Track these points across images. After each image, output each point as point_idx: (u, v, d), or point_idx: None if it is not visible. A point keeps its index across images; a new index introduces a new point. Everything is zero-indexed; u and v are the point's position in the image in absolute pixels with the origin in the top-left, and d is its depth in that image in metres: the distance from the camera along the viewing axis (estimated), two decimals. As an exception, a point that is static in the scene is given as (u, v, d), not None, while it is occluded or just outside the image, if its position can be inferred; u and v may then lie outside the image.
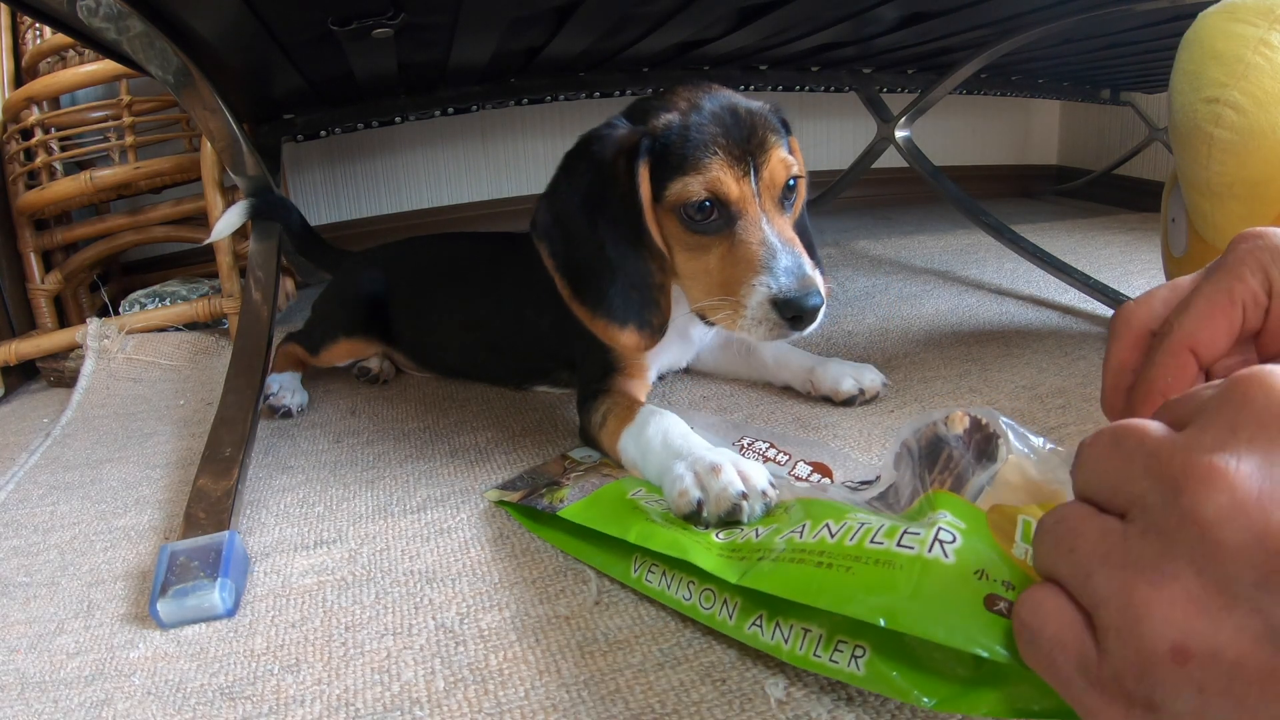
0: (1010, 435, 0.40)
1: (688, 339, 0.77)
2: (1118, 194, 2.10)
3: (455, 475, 0.70)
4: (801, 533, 0.41)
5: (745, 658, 0.43)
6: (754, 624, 0.40)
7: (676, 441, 0.55)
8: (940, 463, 0.42)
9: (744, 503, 0.47)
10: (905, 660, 0.35)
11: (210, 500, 0.60)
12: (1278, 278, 0.30)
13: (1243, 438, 0.23)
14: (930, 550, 0.34)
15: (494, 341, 0.88)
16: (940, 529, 0.35)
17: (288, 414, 0.88)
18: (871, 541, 0.37)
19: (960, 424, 0.44)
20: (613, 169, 0.61)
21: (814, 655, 0.37)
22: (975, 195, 1.40)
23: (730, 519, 0.47)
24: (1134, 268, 1.31)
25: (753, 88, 1.54)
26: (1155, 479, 0.24)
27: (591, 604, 0.49)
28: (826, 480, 0.56)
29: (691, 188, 0.58)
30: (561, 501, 0.55)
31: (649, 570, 0.48)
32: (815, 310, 0.56)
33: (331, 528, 0.62)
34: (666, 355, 0.75)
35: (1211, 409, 0.24)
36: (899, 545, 0.36)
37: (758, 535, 0.44)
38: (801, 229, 0.67)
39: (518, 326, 0.84)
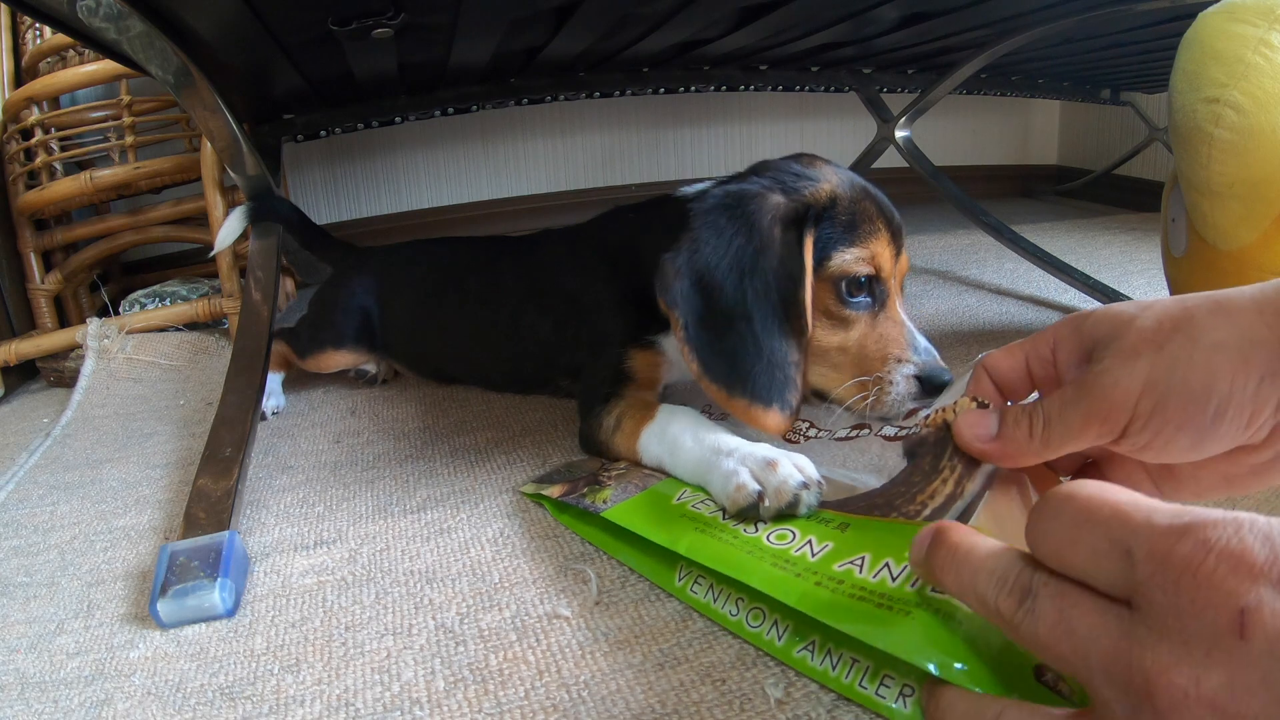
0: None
1: None
2: (1118, 194, 2.10)
3: (455, 475, 0.70)
4: (861, 567, 0.40)
5: (745, 658, 0.43)
6: (804, 648, 0.41)
7: (709, 436, 0.55)
8: (950, 450, 0.42)
9: (804, 493, 0.47)
10: None
11: (210, 500, 0.60)
12: (1062, 344, 0.37)
13: (1199, 652, 0.23)
14: None
15: (492, 350, 0.87)
16: None
17: (261, 417, 0.87)
18: (934, 589, 0.37)
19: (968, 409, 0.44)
20: (770, 236, 0.57)
21: (859, 686, 0.38)
22: (975, 195, 1.40)
23: (789, 511, 0.47)
24: (1134, 268, 1.31)
25: (753, 88, 1.54)
26: (1121, 690, 0.25)
27: (591, 604, 0.49)
28: (866, 430, 0.56)
29: (860, 262, 0.58)
30: (605, 502, 0.55)
31: (695, 581, 0.48)
32: (948, 384, 0.57)
33: (331, 528, 0.62)
34: (675, 372, 0.74)
35: (1160, 605, 0.24)
36: None
37: (813, 554, 0.43)
38: None
39: (517, 334, 0.82)
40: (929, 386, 0.57)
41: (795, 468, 0.49)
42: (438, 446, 0.77)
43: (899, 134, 1.43)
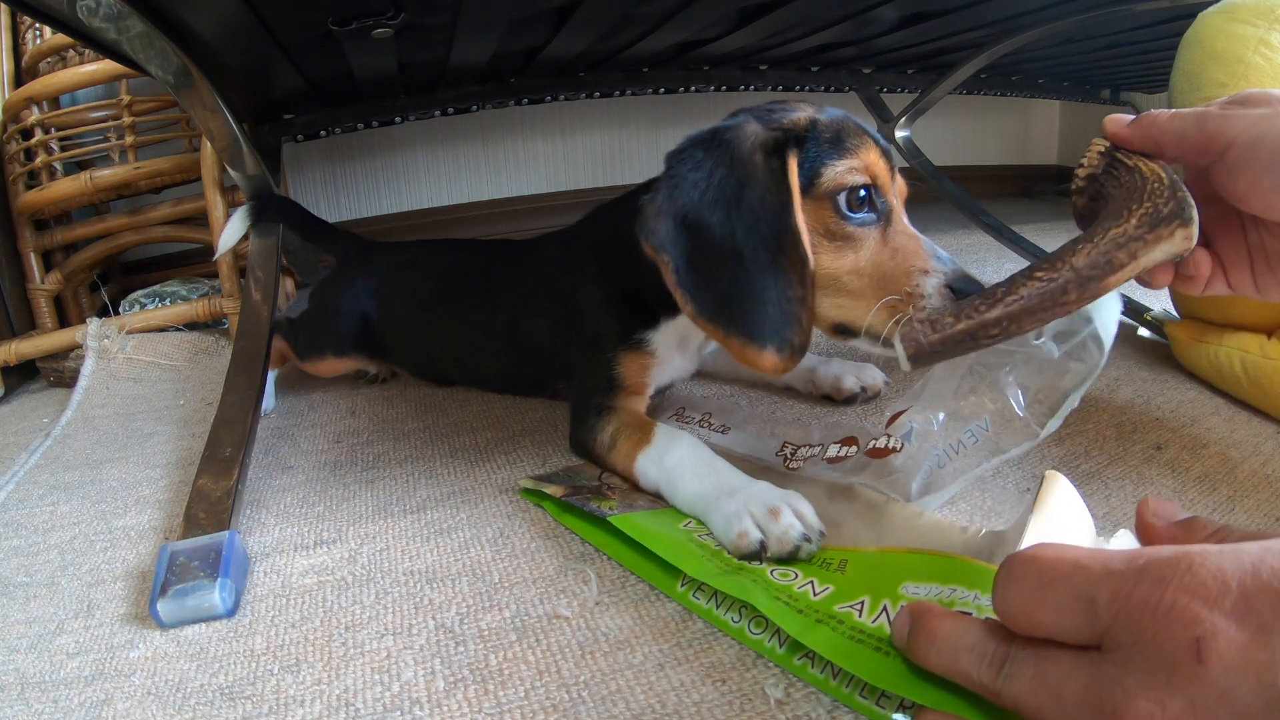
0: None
1: (688, 355, 0.75)
2: (1118, 194, 2.10)
3: (455, 475, 0.70)
4: (861, 611, 0.41)
5: (745, 658, 0.43)
6: (804, 657, 0.41)
7: (708, 472, 0.55)
8: (1121, 156, 0.44)
9: (805, 544, 0.48)
10: None
11: (210, 500, 0.60)
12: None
13: (1161, 679, 0.25)
14: None
15: (490, 355, 0.86)
16: None
17: None
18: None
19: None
20: (751, 164, 0.54)
21: (859, 696, 0.38)
22: (975, 195, 1.40)
23: (789, 558, 0.48)
24: (1134, 268, 1.31)
25: (753, 88, 1.54)
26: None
27: (592, 604, 0.49)
28: (853, 449, 0.58)
29: (854, 171, 0.54)
30: (611, 509, 0.55)
31: (698, 588, 0.48)
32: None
33: (331, 528, 0.62)
34: (666, 372, 0.73)
35: (1125, 643, 0.26)
36: None
37: (815, 593, 0.44)
38: None
39: (513, 339, 0.82)
40: (962, 296, 0.52)
41: (797, 516, 0.49)
42: (438, 446, 0.77)
43: (899, 134, 1.43)
